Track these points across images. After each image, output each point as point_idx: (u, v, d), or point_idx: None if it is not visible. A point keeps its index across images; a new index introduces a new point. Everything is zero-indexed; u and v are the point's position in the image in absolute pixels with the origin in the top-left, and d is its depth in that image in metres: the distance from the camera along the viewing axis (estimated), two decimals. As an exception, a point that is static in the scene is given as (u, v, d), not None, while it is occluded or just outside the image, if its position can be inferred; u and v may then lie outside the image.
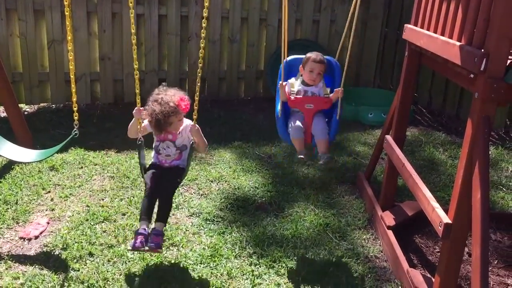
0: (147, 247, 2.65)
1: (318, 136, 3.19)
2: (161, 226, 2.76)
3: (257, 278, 2.85)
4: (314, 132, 3.20)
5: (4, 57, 5.01)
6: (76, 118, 2.91)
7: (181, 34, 5.70)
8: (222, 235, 3.26)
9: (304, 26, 6.11)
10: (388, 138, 3.42)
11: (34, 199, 3.57)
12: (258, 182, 4.00)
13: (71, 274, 2.79)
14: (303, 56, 3.30)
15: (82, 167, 4.10)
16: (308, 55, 3.25)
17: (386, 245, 3.18)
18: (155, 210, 2.84)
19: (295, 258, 3.06)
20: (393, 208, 3.48)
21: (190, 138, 2.87)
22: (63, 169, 4.03)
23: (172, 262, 2.95)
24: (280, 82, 3.20)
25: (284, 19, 3.12)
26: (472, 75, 2.32)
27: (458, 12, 2.47)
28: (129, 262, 2.93)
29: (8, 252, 3.00)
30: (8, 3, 5.03)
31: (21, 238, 3.13)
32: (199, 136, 2.84)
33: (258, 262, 3.00)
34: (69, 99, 5.45)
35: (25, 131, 4.20)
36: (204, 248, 3.10)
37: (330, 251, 3.16)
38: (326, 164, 3.27)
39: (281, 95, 3.20)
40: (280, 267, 2.97)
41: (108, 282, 2.75)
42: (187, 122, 2.87)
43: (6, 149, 3.30)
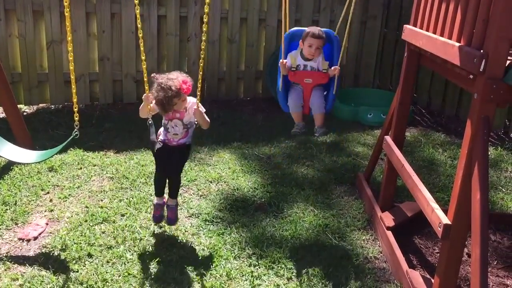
0: (166, 223, 3.24)
1: (315, 111, 3.51)
2: (173, 202, 3.21)
3: (256, 279, 2.85)
4: (312, 106, 3.50)
5: (3, 57, 5.00)
6: (76, 119, 2.91)
7: (180, 35, 5.70)
8: (221, 236, 3.26)
9: (303, 26, 6.09)
10: (388, 138, 3.42)
11: (33, 200, 3.56)
12: (258, 182, 4.00)
13: (70, 275, 2.79)
14: (305, 28, 3.51)
15: (81, 168, 4.09)
16: (308, 30, 3.46)
17: (385, 246, 3.17)
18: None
19: (295, 259, 3.05)
20: (392, 209, 3.48)
21: (195, 118, 3.07)
22: (62, 170, 4.03)
23: (171, 263, 2.95)
24: (281, 60, 3.43)
25: (284, 6, 3.34)
26: (471, 76, 2.32)
27: (457, 12, 2.47)
28: (128, 263, 2.92)
29: (7, 253, 3.00)
30: (7, 4, 5.02)
31: (20, 239, 3.13)
32: (201, 118, 3.04)
33: (257, 263, 2.99)
34: (68, 99, 5.45)
35: (24, 132, 4.19)
36: (203, 249, 3.10)
37: (329, 252, 3.15)
38: (321, 136, 3.56)
39: (282, 71, 3.46)
40: (279, 268, 2.97)
41: (107, 283, 2.74)
42: (193, 100, 3.06)
43: (7, 150, 3.29)
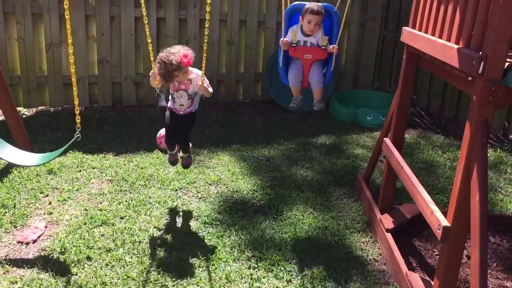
0: (181, 166, 3.69)
1: (314, 86, 3.62)
2: (185, 155, 3.60)
3: (256, 282, 2.85)
4: (311, 81, 3.62)
5: (2, 60, 5.01)
6: (78, 121, 2.91)
7: (179, 37, 5.70)
8: (221, 238, 3.25)
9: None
10: (387, 140, 3.42)
11: (32, 203, 3.56)
12: (257, 185, 4.00)
13: (69, 278, 2.79)
14: (306, 3, 3.58)
15: (80, 171, 4.09)
16: (307, 6, 3.52)
17: (385, 248, 3.17)
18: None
19: (294, 262, 3.05)
20: (391, 211, 3.47)
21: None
22: (61, 172, 4.02)
23: (170, 265, 2.94)
24: (282, 39, 3.53)
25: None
26: (470, 78, 2.32)
27: (456, 15, 2.47)
28: (127, 266, 2.92)
29: (6, 256, 2.99)
30: (6, 6, 5.01)
31: (19, 242, 3.12)
32: (206, 91, 3.21)
33: (256, 266, 2.99)
34: (67, 102, 5.45)
35: (23, 134, 4.18)
36: (202, 252, 3.09)
37: (328, 254, 3.15)
38: (319, 110, 3.66)
39: (283, 47, 3.56)
40: (279, 270, 2.96)
41: (106, 286, 2.74)
42: (198, 72, 3.20)
43: (8, 152, 3.28)
